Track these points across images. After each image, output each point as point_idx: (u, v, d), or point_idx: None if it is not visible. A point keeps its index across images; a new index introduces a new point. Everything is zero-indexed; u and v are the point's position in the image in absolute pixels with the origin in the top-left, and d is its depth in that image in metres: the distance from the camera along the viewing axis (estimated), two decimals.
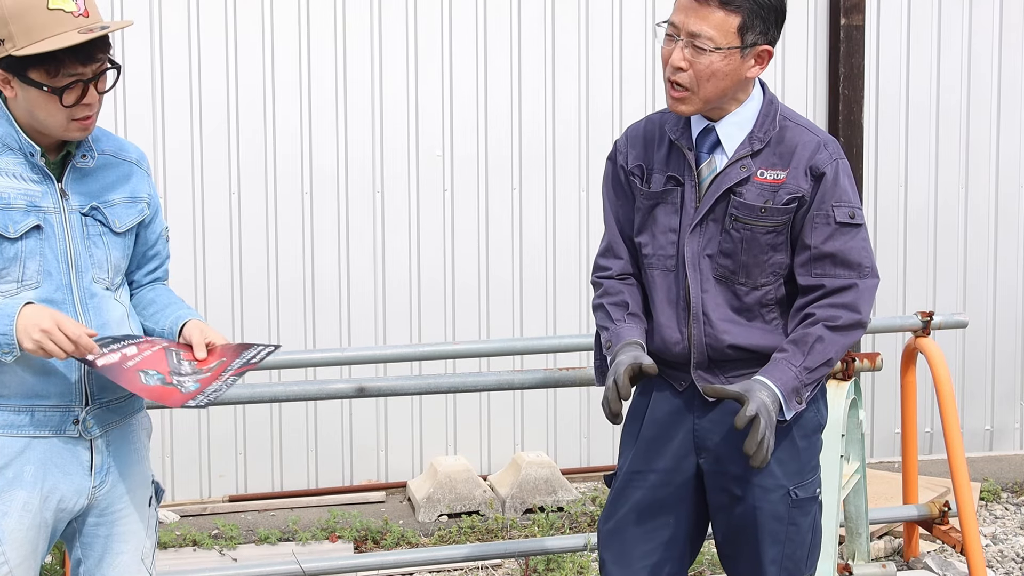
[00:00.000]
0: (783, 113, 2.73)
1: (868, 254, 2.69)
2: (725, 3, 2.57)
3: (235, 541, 4.97)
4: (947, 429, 4.20)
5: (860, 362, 4.02)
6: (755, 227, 2.67)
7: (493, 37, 5.63)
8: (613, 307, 2.80)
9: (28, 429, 2.49)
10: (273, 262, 5.47)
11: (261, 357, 2.62)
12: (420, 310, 5.63)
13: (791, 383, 2.61)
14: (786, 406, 2.61)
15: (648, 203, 2.77)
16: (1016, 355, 6.31)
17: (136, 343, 2.55)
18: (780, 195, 2.66)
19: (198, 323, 2.66)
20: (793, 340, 2.65)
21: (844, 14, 5.85)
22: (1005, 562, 4.89)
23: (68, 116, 2.45)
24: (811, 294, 2.69)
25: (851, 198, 2.69)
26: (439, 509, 5.27)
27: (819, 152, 2.67)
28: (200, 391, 2.49)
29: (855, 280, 2.67)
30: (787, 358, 2.63)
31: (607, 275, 2.85)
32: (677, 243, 2.73)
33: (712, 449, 2.76)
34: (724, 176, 2.68)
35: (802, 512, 2.78)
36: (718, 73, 2.60)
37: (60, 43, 2.38)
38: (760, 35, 2.61)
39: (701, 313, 2.72)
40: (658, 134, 2.79)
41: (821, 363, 2.64)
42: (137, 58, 5.26)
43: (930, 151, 6.11)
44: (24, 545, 2.51)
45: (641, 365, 2.62)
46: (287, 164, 5.46)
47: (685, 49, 2.59)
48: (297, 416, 5.54)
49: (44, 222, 2.49)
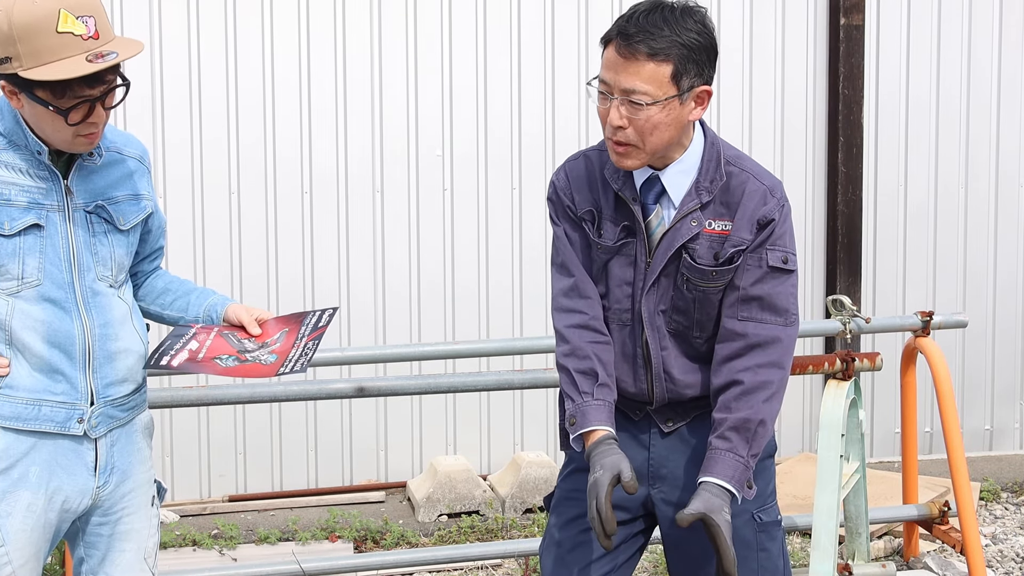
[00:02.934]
0: (727, 156, 2.62)
1: (794, 301, 2.62)
2: (653, 54, 2.44)
3: (235, 541, 4.97)
4: (947, 429, 4.20)
5: (860, 362, 4.01)
6: (707, 288, 2.60)
7: (493, 37, 5.63)
8: (580, 376, 2.61)
9: (35, 423, 2.49)
10: (273, 262, 5.47)
11: (327, 321, 2.66)
12: (420, 310, 5.63)
13: (741, 476, 2.52)
14: (738, 496, 2.53)
15: (604, 256, 2.65)
16: (1016, 355, 6.31)
17: (193, 336, 2.62)
18: (726, 248, 2.58)
19: (238, 304, 2.70)
20: (734, 427, 2.53)
21: (844, 14, 5.85)
22: (1005, 562, 4.90)
23: (74, 133, 2.44)
24: (735, 342, 2.59)
25: (787, 243, 2.61)
26: (439, 509, 5.27)
27: (767, 202, 2.58)
28: (281, 362, 2.55)
29: (780, 328, 2.58)
30: (733, 449, 2.53)
31: (579, 321, 2.65)
32: (632, 298, 2.63)
33: (667, 478, 2.69)
34: (675, 232, 2.58)
35: (769, 537, 2.72)
36: (660, 125, 2.48)
37: (66, 72, 2.34)
38: (696, 77, 2.49)
39: (663, 372, 2.65)
40: (600, 177, 2.65)
41: (764, 443, 2.57)
42: (137, 59, 5.25)
43: (930, 150, 6.12)
44: (28, 546, 2.51)
45: (620, 478, 2.45)
46: (287, 164, 5.46)
47: (621, 107, 2.47)
48: (297, 416, 5.55)
49: (46, 220, 2.48)
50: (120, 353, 2.57)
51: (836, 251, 5.96)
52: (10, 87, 2.42)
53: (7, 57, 2.37)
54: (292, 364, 2.55)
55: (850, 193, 5.95)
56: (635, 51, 2.45)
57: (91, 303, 2.54)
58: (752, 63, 5.90)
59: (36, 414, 2.49)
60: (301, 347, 2.60)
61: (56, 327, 2.48)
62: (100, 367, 2.54)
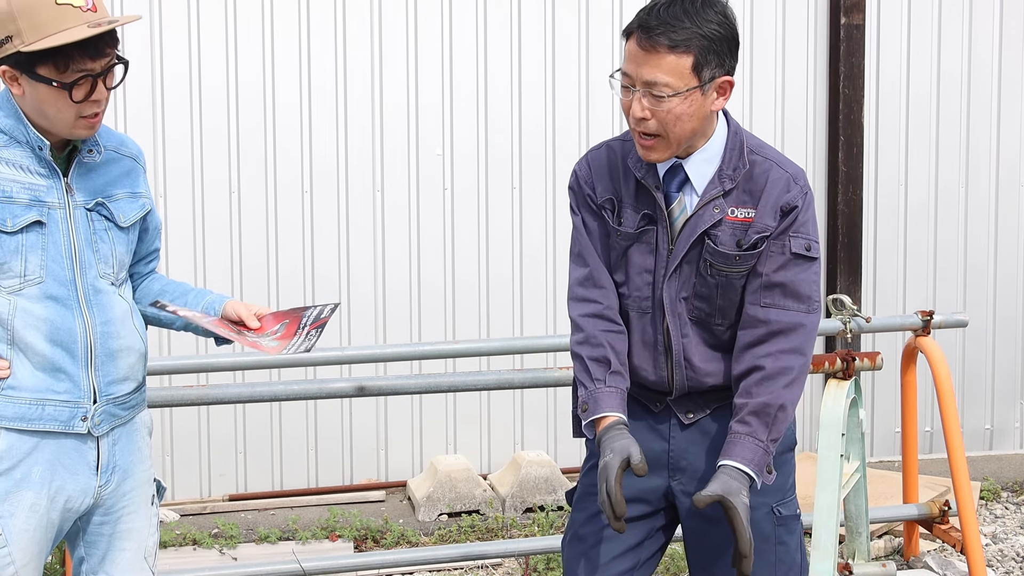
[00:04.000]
0: (749, 145, 2.63)
1: (817, 288, 2.63)
2: (674, 46, 2.45)
3: (235, 540, 4.97)
4: (947, 428, 4.20)
5: (860, 361, 4.02)
6: (730, 274, 2.61)
7: (493, 36, 5.63)
8: (593, 363, 2.63)
9: (39, 423, 2.48)
10: (273, 261, 5.47)
11: (329, 314, 2.66)
12: (420, 309, 5.63)
13: (761, 461, 2.54)
14: (758, 482, 2.54)
15: (623, 243, 2.66)
16: (1016, 355, 6.31)
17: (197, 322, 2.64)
18: (749, 235, 2.59)
19: (236, 301, 2.71)
20: (755, 412, 2.55)
21: (844, 13, 5.85)
22: (1005, 561, 4.89)
23: (76, 113, 2.45)
24: (757, 329, 2.60)
25: (810, 231, 2.61)
26: (439, 508, 5.27)
27: (790, 189, 2.59)
28: (283, 346, 2.56)
29: (803, 315, 2.59)
30: (752, 433, 2.54)
31: (593, 311, 2.68)
32: (652, 285, 2.64)
33: (686, 470, 2.69)
34: (697, 218, 2.59)
35: (788, 530, 2.72)
36: (683, 116, 2.50)
37: (70, 37, 2.37)
38: (717, 68, 2.50)
39: (683, 359, 2.65)
40: (622, 166, 2.67)
41: (784, 428, 2.58)
42: (137, 55, 5.26)
43: (930, 150, 6.12)
44: (30, 546, 2.51)
45: (630, 461, 2.47)
46: (287, 162, 5.46)
47: (644, 99, 2.49)
48: (297, 415, 5.54)
49: (47, 217, 2.48)
50: (121, 351, 2.57)
51: (836, 250, 5.95)
52: (11, 71, 2.43)
53: (7, 36, 2.38)
54: (295, 347, 2.55)
55: (850, 193, 5.94)
56: (656, 43, 2.46)
57: (93, 301, 2.54)
58: (752, 63, 5.90)
59: (40, 414, 2.49)
60: (304, 335, 2.60)
61: (59, 325, 2.48)
62: (102, 365, 2.54)
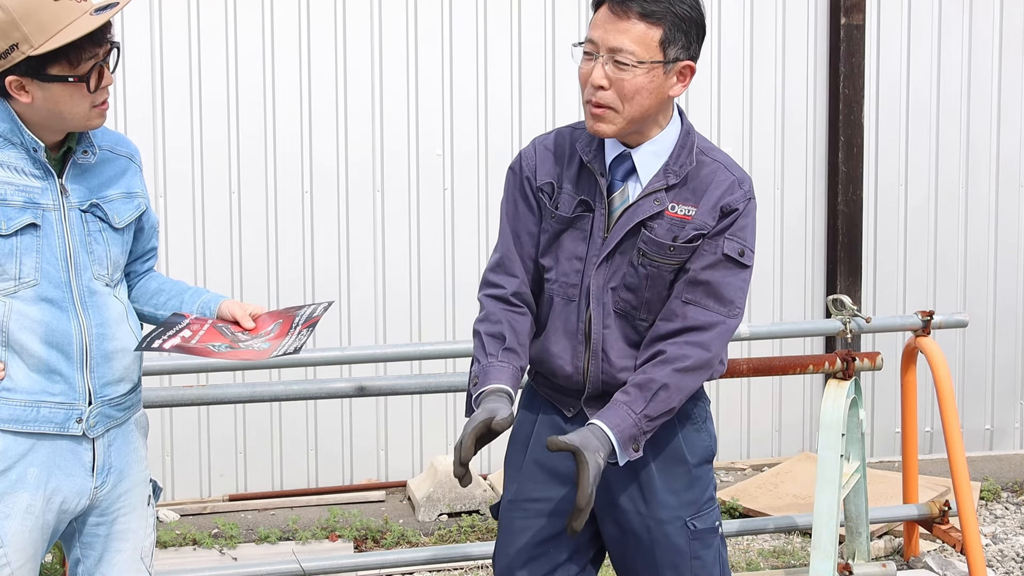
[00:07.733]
0: (700, 146, 2.62)
1: (743, 295, 2.60)
2: (646, 15, 2.45)
3: (235, 540, 4.98)
4: (947, 428, 4.20)
5: (860, 361, 4.02)
6: (662, 265, 2.58)
7: (493, 36, 5.64)
8: (489, 339, 2.64)
9: (34, 425, 2.49)
10: (273, 261, 5.47)
11: (321, 312, 2.68)
12: (420, 309, 5.63)
13: (628, 431, 2.48)
14: (620, 454, 2.48)
15: (557, 227, 2.64)
16: (1016, 355, 6.31)
17: (187, 326, 2.62)
18: (687, 231, 2.56)
19: (231, 300, 2.71)
20: (637, 384, 2.52)
21: (844, 13, 5.85)
22: (1005, 562, 4.89)
23: (91, 103, 2.46)
24: (672, 323, 2.57)
25: (747, 237, 2.58)
26: (439, 508, 5.27)
27: (734, 192, 2.57)
28: (274, 348, 2.56)
29: (720, 318, 2.56)
30: (628, 403, 2.50)
31: (497, 294, 2.68)
32: (582, 273, 2.62)
33: (601, 478, 2.58)
34: (636, 208, 2.57)
35: (703, 544, 2.68)
36: (642, 90, 2.48)
37: (79, 30, 2.37)
38: (682, 50, 2.50)
39: (600, 350, 2.61)
40: (568, 151, 2.65)
41: (663, 412, 2.52)
42: (137, 57, 5.26)
43: (930, 150, 6.12)
44: (26, 547, 2.52)
45: (492, 421, 2.45)
46: (287, 163, 5.46)
47: (606, 66, 2.48)
48: (297, 415, 5.55)
49: (42, 219, 2.48)
50: (117, 352, 2.57)
51: (836, 251, 5.96)
52: (18, 80, 2.41)
53: (12, 45, 2.37)
54: (285, 348, 2.56)
55: (850, 193, 5.95)
56: (628, 10, 2.47)
57: (88, 302, 2.54)
58: (752, 63, 5.90)
59: (35, 416, 2.49)
60: (296, 334, 2.61)
61: (54, 327, 2.48)
62: (97, 366, 2.54)
